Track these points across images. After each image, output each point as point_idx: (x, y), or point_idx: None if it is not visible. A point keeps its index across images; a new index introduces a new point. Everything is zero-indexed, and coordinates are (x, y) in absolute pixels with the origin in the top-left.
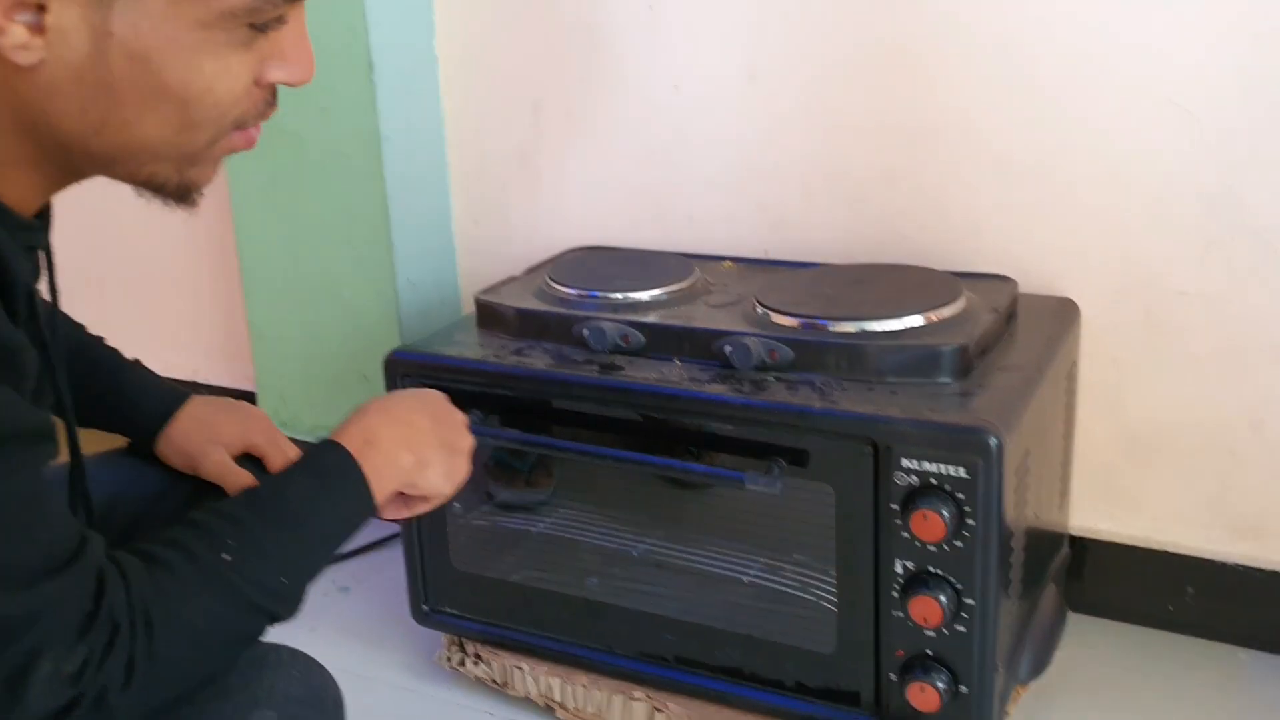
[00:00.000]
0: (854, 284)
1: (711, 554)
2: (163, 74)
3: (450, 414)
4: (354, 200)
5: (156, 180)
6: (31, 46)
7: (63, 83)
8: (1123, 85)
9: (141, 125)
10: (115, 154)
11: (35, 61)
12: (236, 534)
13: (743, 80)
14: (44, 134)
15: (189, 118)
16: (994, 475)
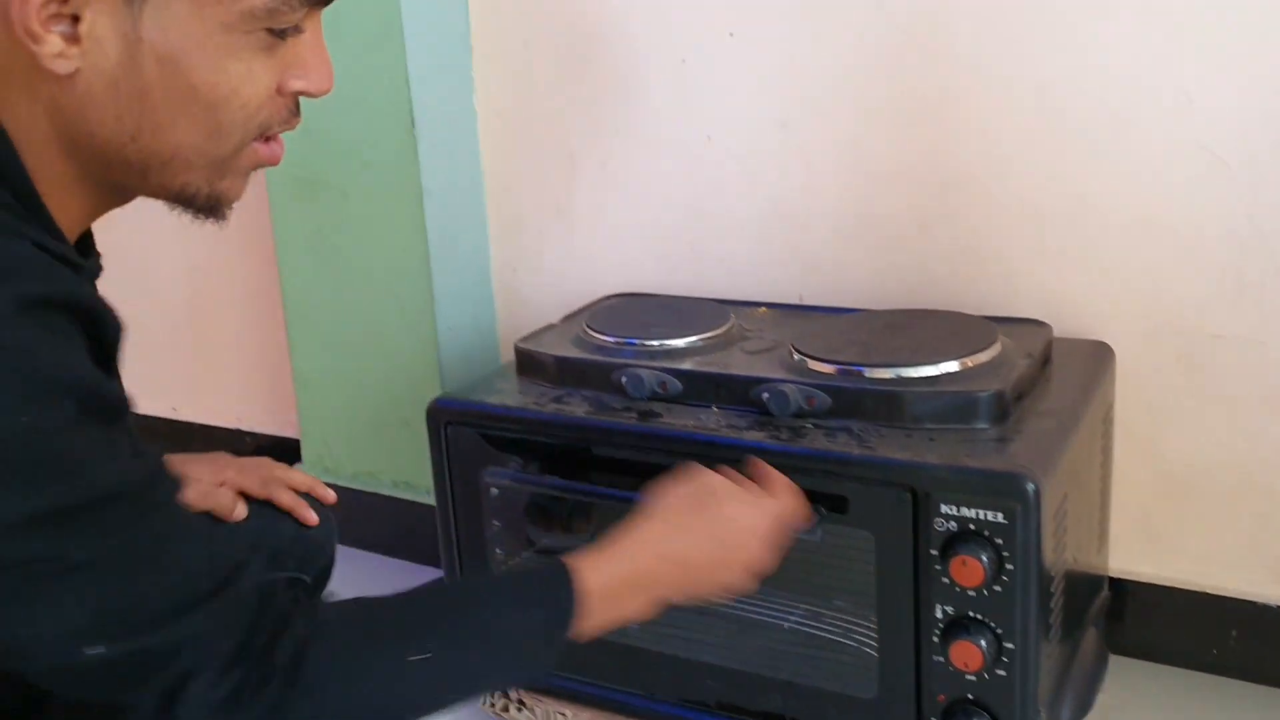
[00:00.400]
0: (890, 330)
1: (752, 600)
2: (191, 76)
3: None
4: (396, 251)
5: (189, 191)
6: (68, 55)
7: (98, 90)
8: (1154, 132)
9: (174, 129)
10: (149, 162)
11: (72, 70)
12: (447, 637)
13: (775, 129)
14: (83, 147)
15: (217, 120)
16: (1032, 520)
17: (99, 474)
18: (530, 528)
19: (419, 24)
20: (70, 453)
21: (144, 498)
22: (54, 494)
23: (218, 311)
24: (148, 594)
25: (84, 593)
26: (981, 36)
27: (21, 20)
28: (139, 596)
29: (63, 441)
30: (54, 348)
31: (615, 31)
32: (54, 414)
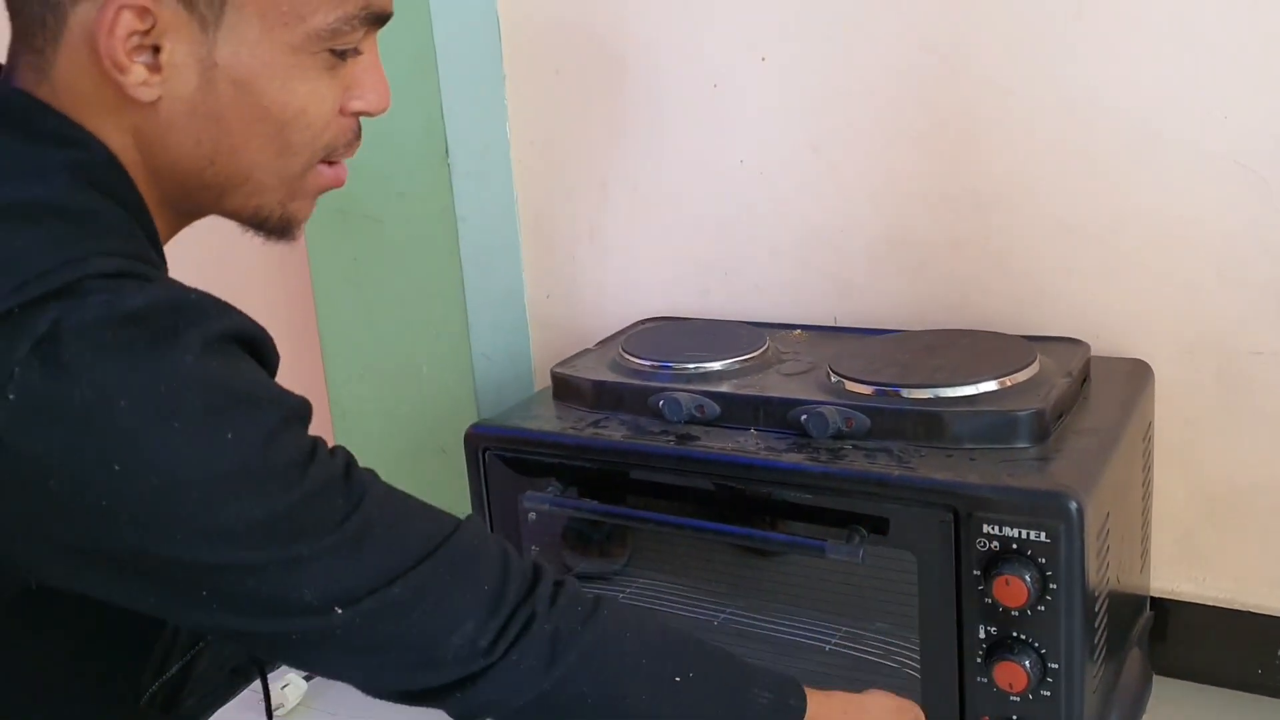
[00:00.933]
0: (926, 350)
1: (792, 622)
2: (263, 98)
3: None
4: (431, 279)
5: (262, 213)
6: (151, 83)
7: (178, 116)
8: (1189, 147)
9: (247, 150)
10: (226, 185)
11: (154, 98)
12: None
13: (808, 152)
14: (165, 173)
15: (286, 141)
16: (1076, 539)
17: (315, 469)
18: (568, 552)
19: (452, 54)
20: (282, 458)
21: (353, 478)
22: (277, 497)
23: None
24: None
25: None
26: (1012, 55)
27: (108, 52)
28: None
29: (270, 452)
30: (243, 372)
31: (646, 58)
32: (257, 427)
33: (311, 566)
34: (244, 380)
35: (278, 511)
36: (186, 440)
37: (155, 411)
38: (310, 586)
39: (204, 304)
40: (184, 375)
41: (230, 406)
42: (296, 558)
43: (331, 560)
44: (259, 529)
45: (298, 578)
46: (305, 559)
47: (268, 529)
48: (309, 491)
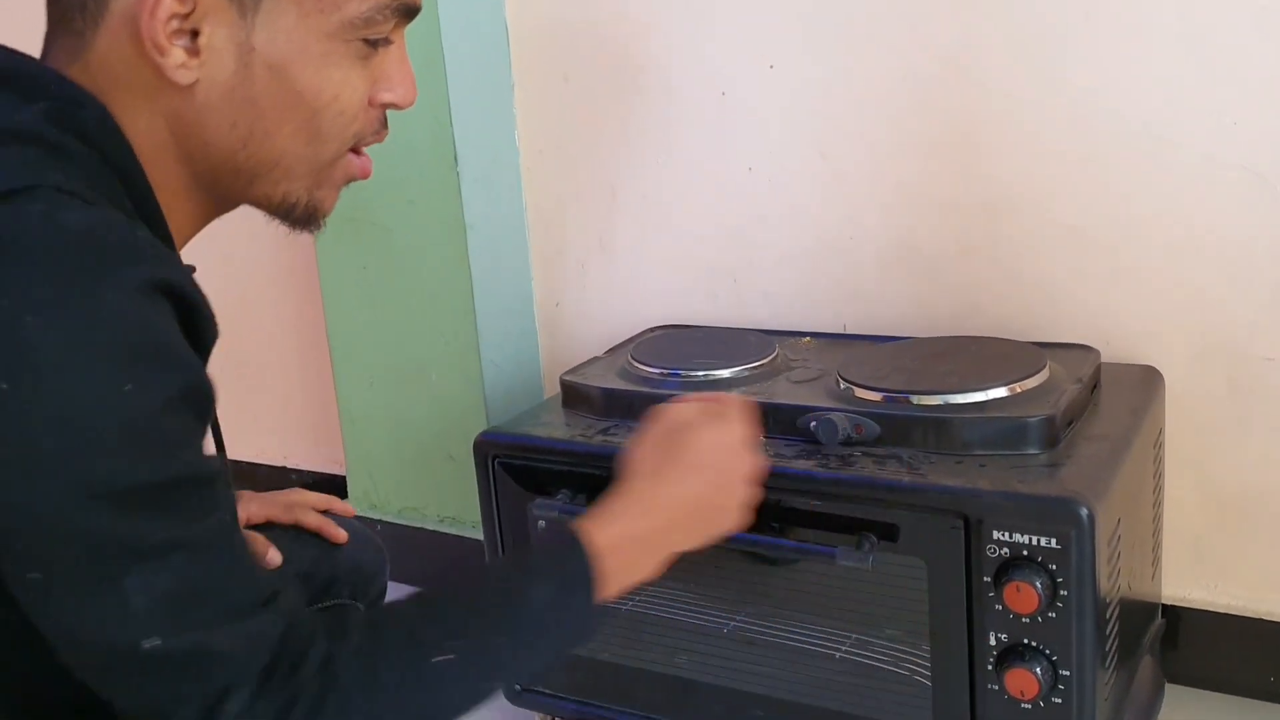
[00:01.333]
0: (936, 357)
1: (802, 630)
2: (298, 83)
3: (735, 490)
4: (440, 287)
5: (289, 200)
6: (189, 66)
7: (215, 99)
8: (1197, 154)
9: (280, 136)
10: (257, 169)
11: (192, 80)
12: (469, 634)
13: (816, 159)
14: (198, 155)
15: (318, 128)
16: (1087, 545)
17: (190, 457)
18: None
19: (461, 62)
20: (167, 431)
21: (221, 493)
22: (146, 469)
23: (263, 349)
24: (214, 590)
25: (154, 579)
26: (1020, 61)
27: (150, 34)
28: (206, 591)
29: (162, 418)
30: (162, 329)
31: (655, 65)
32: (158, 389)
33: (151, 561)
34: (161, 337)
35: (144, 483)
36: (83, 379)
37: (61, 340)
38: (142, 586)
39: (145, 247)
40: (102, 311)
41: (137, 359)
42: (140, 540)
43: (174, 561)
44: (121, 494)
45: (134, 569)
46: (147, 548)
47: (129, 496)
48: (179, 476)
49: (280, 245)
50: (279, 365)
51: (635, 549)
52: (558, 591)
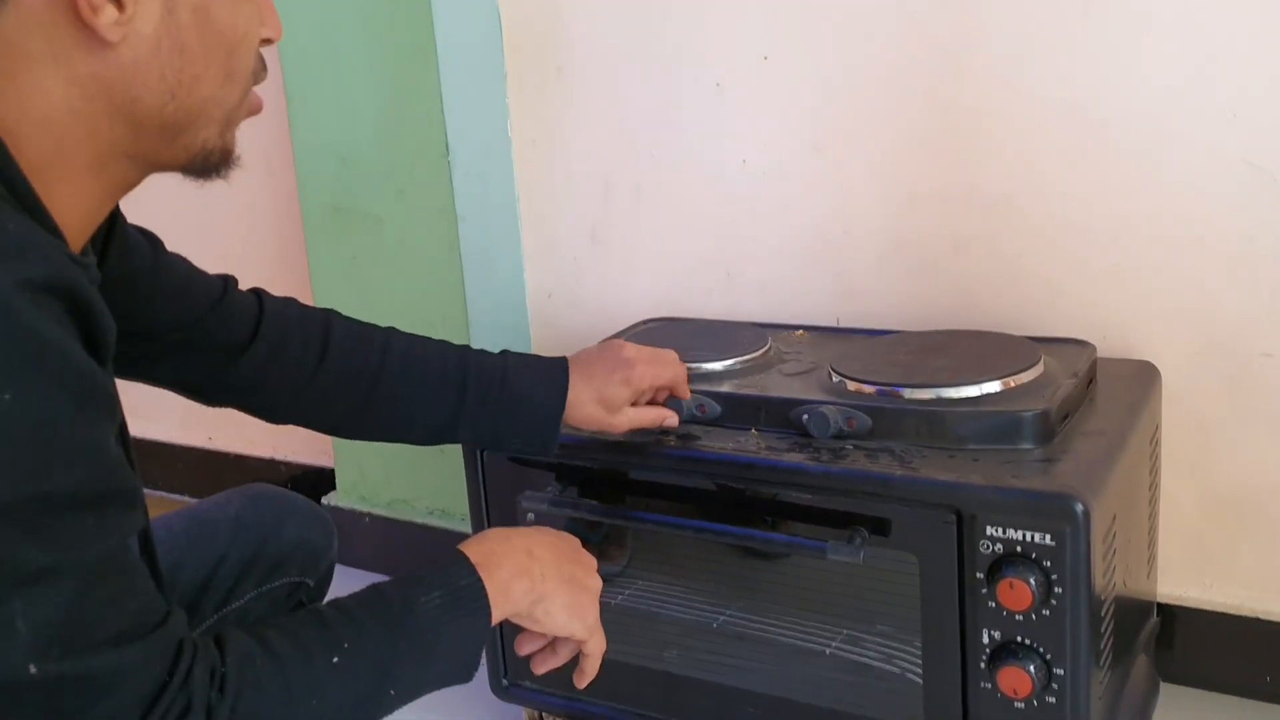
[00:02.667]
0: (930, 351)
1: (793, 625)
2: (218, 22)
3: (577, 552)
4: (431, 278)
5: (207, 147)
6: (120, 22)
7: (143, 53)
8: (1197, 147)
9: (205, 79)
10: (183, 120)
11: (121, 37)
12: (356, 638)
13: (810, 151)
14: (121, 115)
15: (233, 67)
16: (1081, 542)
17: (81, 473)
18: None
19: (453, 52)
20: (55, 443)
21: (125, 510)
22: (29, 486)
23: None
24: (101, 616)
25: (37, 606)
26: (1018, 55)
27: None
28: (92, 617)
29: (49, 429)
30: (52, 331)
31: (649, 57)
32: (43, 398)
33: (36, 585)
34: (44, 343)
35: (26, 497)
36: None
37: None
38: (26, 610)
39: (28, 244)
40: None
41: (17, 367)
42: (24, 564)
43: (59, 586)
44: (2, 515)
45: (18, 593)
46: (32, 573)
47: (9, 513)
48: (67, 492)
49: (269, 233)
50: None
51: (496, 570)
52: (450, 602)
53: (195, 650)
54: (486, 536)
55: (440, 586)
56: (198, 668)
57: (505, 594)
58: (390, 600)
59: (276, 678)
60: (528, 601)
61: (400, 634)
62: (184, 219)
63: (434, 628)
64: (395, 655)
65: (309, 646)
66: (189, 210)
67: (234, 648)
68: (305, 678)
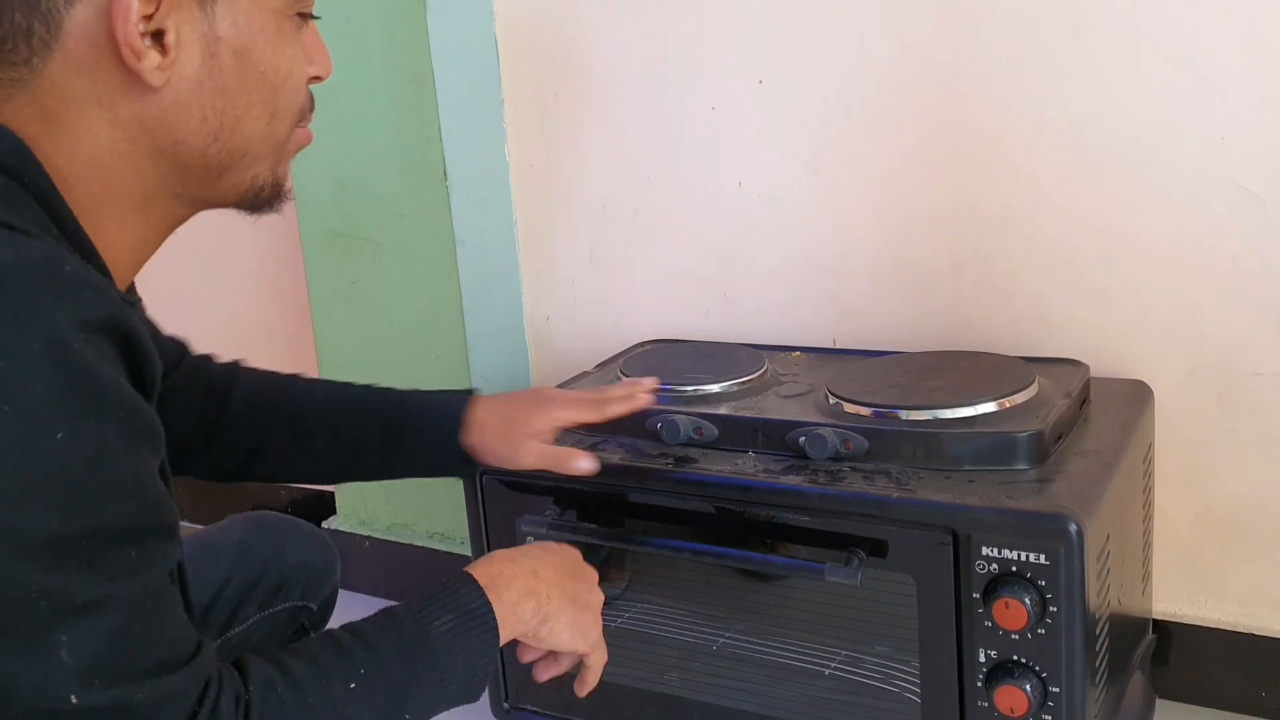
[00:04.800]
0: (925, 372)
1: (792, 646)
2: (260, 63)
3: (580, 569)
4: (429, 302)
5: (257, 184)
6: (163, 66)
7: (185, 95)
8: (1188, 169)
9: (248, 120)
10: (227, 160)
11: (164, 81)
12: (372, 663)
13: (806, 173)
14: (165, 156)
15: (278, 105)
16: (1076, 561)
17: (127, 507)
18: None
19: (450, 78)
20: (104, 479)
21: (157, 545)
22: (79, 521)
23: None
24: (141, 647)
25: (82, 637)
26: (1011, 77)
27: (126, 39)
28: (133, 649)
29: (98, 467)
30: (105, 371)
31: (645, 81)
32: (94, 436)
33: (81, 617)
34: (98, 382)
35: (74, 531)
36: (13, 425)
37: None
38: (71, 641)
39: (81, 282)
40: (33, 358)
41: (71, 405)
42: (69, 596)
43: (103, 618)
44: (49, 544)
45: (63, 624)
46: (77, 605)
47: (57, 547)
48: (114, 527)
49: (269, 259)
50: None
51: (503, 592)
52: (460, 624)
53: (221, 679)
54: (494, 558)
55: (452, 610)
56: (224, 696)
57: (513, 616)
58: (404, 625)
59: (298, 703)
60: (535, 622)
61: (415, 658)
62: (183, 246)
63: (447, 651)
64: (410, 679)
65: (328, 672)
66: (188, 237)
67: (256, 674)
68: (324, 703)
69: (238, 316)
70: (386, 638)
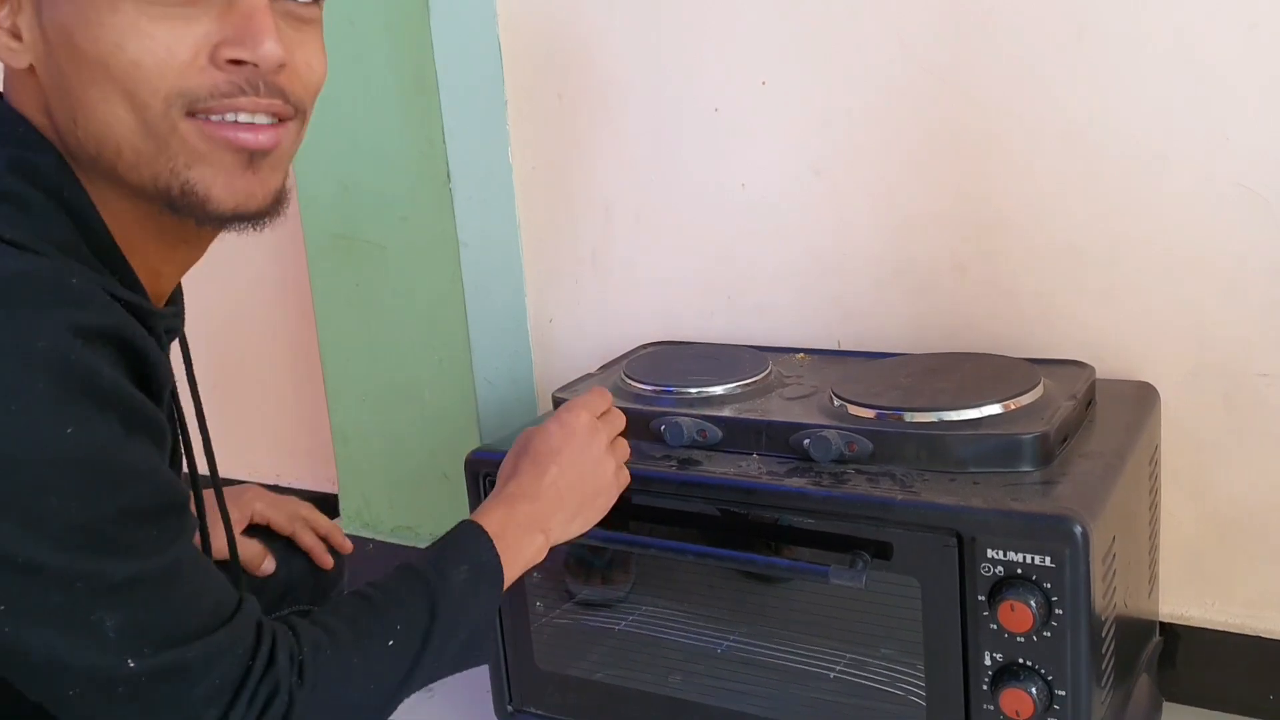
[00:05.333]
0: (930, 374)
1: (797, 649)
2: (91, 48)
3: (596, 466)
4: (433, 303)
5: (159, 184)
6: (15, 49)
7: (47, 84)
8: (1192, 170)
9: (100, 106)
10: (99, 150)
11: (26, 65)
12: (405, 619)
13: (809, 175)
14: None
15: (127, 90)
16: (1081, 563)
17: (143, 489)
18: (569, 579)
19: (453, 80)
20: (117, 467)
21: (182, 517)
22: (99, 506)
23: (256, 367)
24: (182, 612)
25: (123, 611)
26: (1014, 79)
27: None
28: (175, 614)
29: (109, 455)
30: (103, 372)
31: (648, 82)
32: (101, 428)
33: (119, 595)
34: (100, 379)
35: (97, 516)
36: (23, 422)
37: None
38: (113, 617)
39: (85, 294)
40: (35, 356)
41: (78, 400)
42: (104, 577)
43: (140, 593)
44: (75, 531)
45: (103, 603)
46: (114, 584)
47: (84, 533)
48: (134, 509)
49: (272, 261)
50: (272, 383)
51: (518, 532)
52: (470, 571)
53: (274, 635)
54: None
55: (466, 561)
56: (280, 652)
57: (518, 560)
58: (428, 578)
59: (343, 663)
60: (540, 552)
61: (440, 611)
62: None
63: (462, 601)
64: (435, 631)
65: (368, 632)
66: None
67: (306, 635)
68: (365, 662)
69: (242, 318)
70: (413, 594)
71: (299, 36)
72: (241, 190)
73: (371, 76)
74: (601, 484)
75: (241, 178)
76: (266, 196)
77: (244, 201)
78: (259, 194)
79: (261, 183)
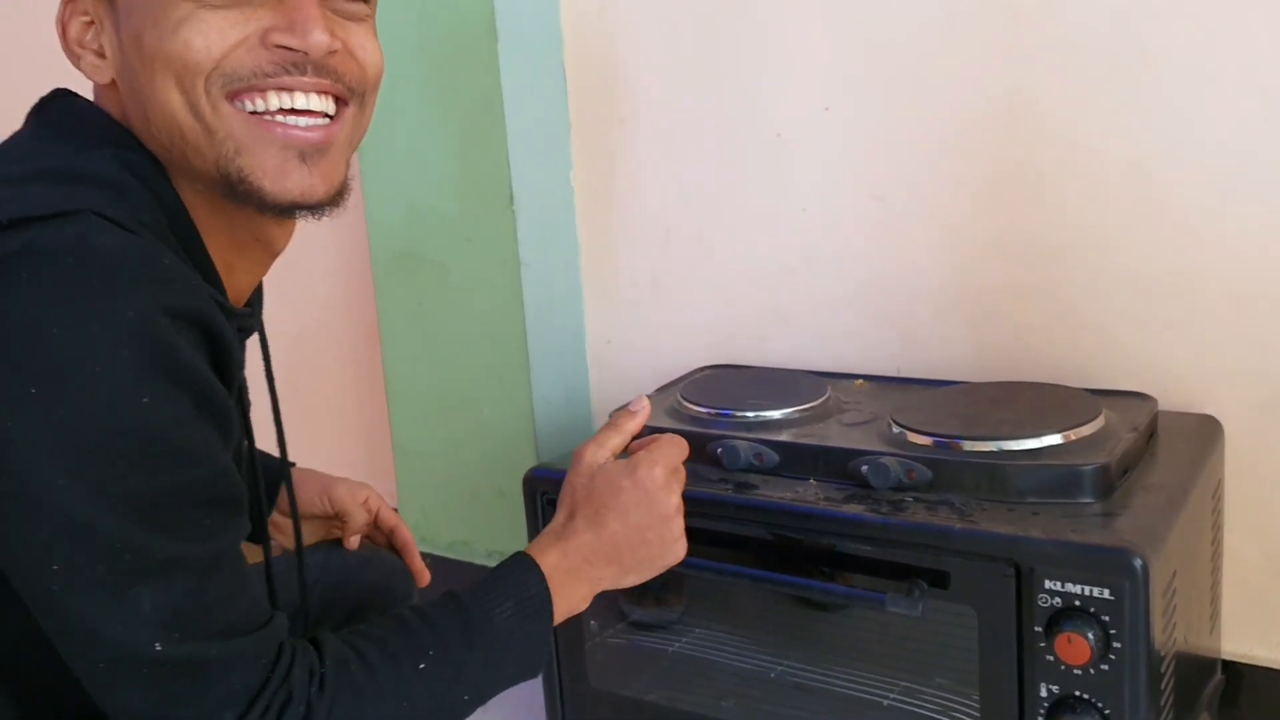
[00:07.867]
0: (990, 402)
1: (850, 676)
2: (149, 36)
3: (663, 526)
4: (494, 323)
5: (223, 169)
6: (100, 65)
7: (125, 95)
8: (1255, 202)
9: (157, 95)
10: (170, 142)
11: (109, 80)
12: (439, 646)
13: (870, 201)
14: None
15: (176, 72)
16: (1141, 597)
17: (202, 474)
18: (623, 599)
19: (519, 105)
20: (183, 445)
21: (234, 514)
22: (160, 479)
23: (320, 382)
24: (214, 608)
25: (161, 593)
26: (1077, 111)
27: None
28: (207, 608)
29: (178, 432)
30: (182, 351)
31: (710, 108)
32: (174, 404)
33: (160, 575)
34: (179, 357)
35: (155, 489)
36: (103, 387)
37: (81, 351)
38: (151, 596)
39: (174, 274)
40: (121, 327)
41: (155, 375)
42: (149, 552)
43: (179, 577)
44: (132, 500)
45: (144, 580)
46: (158, 561)
47: (140, 504)
48: (189, 489)
49: (339, 281)
50: (335, 398)
51: (565, 579)
52: (516, 608)
53: (295, 651)
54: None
55: (512, 597)
56: (297, 667)
57: (567, 603)
58: (469, 611)
59: (369, 682)
60: (586, 600)
61: (477, 644)
62: None
63: (506, 636)
64: (472, 662)
65: (398, 654)
66: None
67: (330, 652)
68: (393, 683)
69: (308, 335)
70: (451, 623)
71: (350, 27)
72: (296, 184)
73: (439, 101)
74: (665, 545)
75: (297, 171)
76: (329, 189)
77: (304, 193)
78: (320, 187)
79: (324, 176)
